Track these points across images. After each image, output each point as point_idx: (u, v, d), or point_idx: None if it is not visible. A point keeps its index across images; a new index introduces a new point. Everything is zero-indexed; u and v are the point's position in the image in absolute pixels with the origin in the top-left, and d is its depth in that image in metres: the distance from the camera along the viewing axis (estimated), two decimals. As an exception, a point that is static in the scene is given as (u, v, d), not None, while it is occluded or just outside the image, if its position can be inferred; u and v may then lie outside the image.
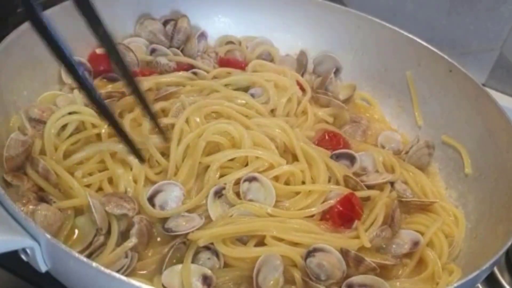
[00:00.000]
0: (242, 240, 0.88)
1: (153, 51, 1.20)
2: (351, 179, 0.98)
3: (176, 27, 1.23)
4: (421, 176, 1.09)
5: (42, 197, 0.88)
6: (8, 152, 0.88)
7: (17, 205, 0.82)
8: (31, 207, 0.84)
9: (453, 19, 1.39)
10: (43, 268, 0.75)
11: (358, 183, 0.98)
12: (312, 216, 0.93)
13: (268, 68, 1.19)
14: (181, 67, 1.17)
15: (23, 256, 0.74)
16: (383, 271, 0.88)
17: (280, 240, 0.87)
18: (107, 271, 0.68)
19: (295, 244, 0.88)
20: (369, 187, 0.99)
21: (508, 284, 1.05)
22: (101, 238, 0.84)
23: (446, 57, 1.18)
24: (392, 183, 1.02)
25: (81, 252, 0.80)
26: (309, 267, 0.85)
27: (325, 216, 0.94)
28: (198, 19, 1.28)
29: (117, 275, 0.68)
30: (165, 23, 1.25)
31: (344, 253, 0.87)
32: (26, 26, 0.98)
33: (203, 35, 1.26)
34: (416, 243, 0.93)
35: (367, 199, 0.98)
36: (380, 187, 1.00)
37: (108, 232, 0.85)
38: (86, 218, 0.86)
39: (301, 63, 1.28)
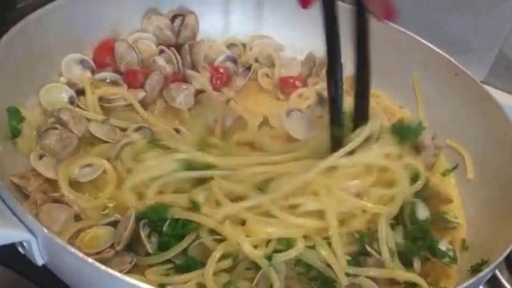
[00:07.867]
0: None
1: (161, 52, 1.19)
2: None
3: (183, 23, 1.23)
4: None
5: (48, 196, 0.88)
6: None
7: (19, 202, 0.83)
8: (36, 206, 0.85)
9: (453, 17, 1.38)
10: (39, 261, 0.76)
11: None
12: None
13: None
14: (176, 77, 1.14)
15: (20, 249, 0.75)
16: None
17: None
18: (102, 267, 0.68)
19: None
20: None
21: (507, 281, 1.05)
22: (112, 252, 0.82)
23: (452, 60, 1.17)
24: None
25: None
26: None
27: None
28: (206, 16, 1.27)
29: (112, 271, 0.68)
30: (173, 18, 1.25)
31: None
32: (27, 21, 0.97)
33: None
34: None
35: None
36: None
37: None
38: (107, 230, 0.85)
39: (308, 66, 1.27)
